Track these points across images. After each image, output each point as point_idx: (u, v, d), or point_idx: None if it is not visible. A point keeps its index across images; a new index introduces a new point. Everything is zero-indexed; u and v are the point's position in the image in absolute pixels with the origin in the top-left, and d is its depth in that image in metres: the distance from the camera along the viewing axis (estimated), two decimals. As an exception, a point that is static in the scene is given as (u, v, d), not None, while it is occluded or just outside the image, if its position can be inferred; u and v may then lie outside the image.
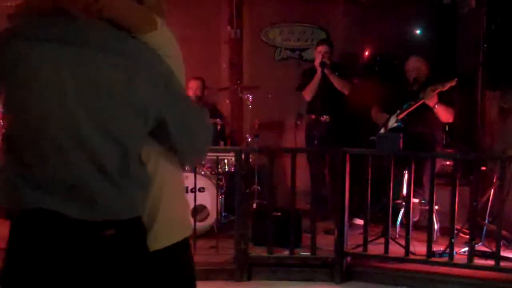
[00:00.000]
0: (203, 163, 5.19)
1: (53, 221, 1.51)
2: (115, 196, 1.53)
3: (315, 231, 4.57)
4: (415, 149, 4.89)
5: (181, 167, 1.85)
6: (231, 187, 5.22)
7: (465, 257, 4.31)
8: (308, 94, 5.96)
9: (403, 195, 5.08)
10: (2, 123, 5.45)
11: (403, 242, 4.47)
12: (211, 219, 5.12)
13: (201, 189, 5.08)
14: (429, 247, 4.34)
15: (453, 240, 4.28)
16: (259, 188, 6.04)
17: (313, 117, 6.03)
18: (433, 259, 4.36)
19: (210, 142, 1.84)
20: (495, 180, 4.84)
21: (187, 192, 4.66)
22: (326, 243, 4.72)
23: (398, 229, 5.12)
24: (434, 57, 6.00)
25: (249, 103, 6.14)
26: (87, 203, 1.51)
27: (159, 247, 1.73)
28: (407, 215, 4.50)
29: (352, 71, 6.42)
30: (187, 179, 4.62)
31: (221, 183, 5.39)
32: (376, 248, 4.61)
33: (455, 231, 4.46)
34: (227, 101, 6.74)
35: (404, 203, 4.95)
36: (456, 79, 5.02)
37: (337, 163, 4.58)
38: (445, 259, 4.35)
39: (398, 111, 5.28)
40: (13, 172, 1.55)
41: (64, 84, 1.46)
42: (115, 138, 1.50)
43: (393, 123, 5.31)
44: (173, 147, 1.68)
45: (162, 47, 1.59)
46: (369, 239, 4.59)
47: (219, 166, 5.19)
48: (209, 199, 5.12)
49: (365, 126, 5.75)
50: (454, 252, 4.30)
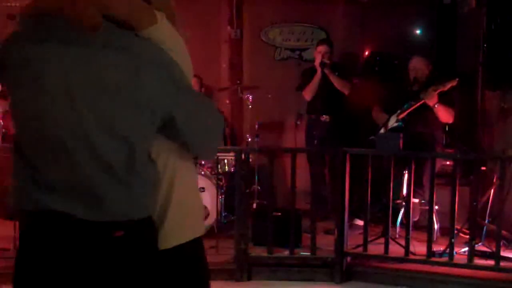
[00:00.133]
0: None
1: (62, 222, 1.50)
2: (122, 195, 1.51)
3: (315, 231, 4.57)
4: (415, 149, 4.90)
5: (196, 160, 1.82)
6: (231, 187, 5.22)
7: (465, 257, 4.31)
8: (308, 94, 5.97)
9: (403, 195, 5.08)
10: (2, 123, 5.45)
11: (403, 242, 4.47)
12: (211, 219, 5.11)
13: (201, 189, 5.08)
14: (429, 247, 4.34)
15: (453, 240, 4.28)
16: (259, 188, 6.04)
17: (313, 117, 6.04)
18: (433, 259, 4.36)
19: (221, 133, 1.80)
20: (495, 180, 4.84)
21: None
22: (326, 243, 4.72)
23: (398, 229, 5.12)
24: (434, 57, 6.00)
25: (249, 103, 6.14)
26: (94, 203, 1.50)
27: (168, 246, 1.71)
28: (407, 215, 4.50)
29: (352, 71, 6.42)
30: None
31: (221, 183, 5.39)
32: (376, 248, 4.61)
33: (455, 231, 4.46)
34: (227, 101, 6.74)
35: (404, 203, 4.96)
36: (457, 79, 5.02)
37: (337, 163, 4.58)
38: (445, 259, 4.35)
39: (398, 111, 5.28)
40: (21, 174, 1.56)
41: (67, 84, 1.46)
42: (121, 136, 1.48)
43: (393, 123, 5.31)
44: (185, 142, 1.65)
45: (164, 41, 1.57)
46: (369, 239, 4.59)
47: (219, 166, 5.19)
48: (209, 199, 5.12)
49: (365, 126, 5.75)
50: (454, 252, 4.30)
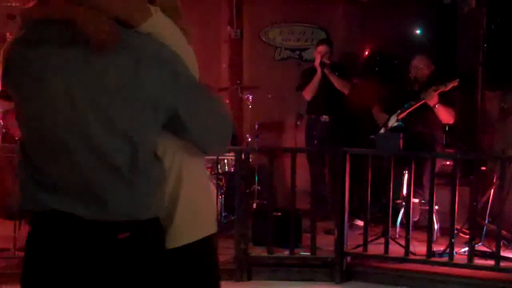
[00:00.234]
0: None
1: (66, 223, 1.49)
2: (125, 195, 1.50)
3: (315, 231, 4.57)
4: (415, 149, 4.89)
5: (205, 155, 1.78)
6: (231, 187, 5.22)
7: (465, 257, 4.31)
8: (308, 94, 5.97)
9: (403, 195, 5.08)
10: (1, 123, 5.45)
11: (403, 242, 4.47)
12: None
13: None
14: (429, 247, 4.34)
15: (453, 240, 4.28)
16: (259, 188, 6.04)
17: (313, 117, 6.04)
18: (433, 259, 4.36)
19: (230, 129, 1.76)
20: (495, 180, 4.84)
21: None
22: (326, 243, 4.72)
23: (398, 229, 5.12)
24: (434, 57, 5.99)
25: (249, 103, 6.13)
26: (97, 203, 1.48)
27: (177, 245, 1.67)
28: (407, 215, 4.50)
29: (352, 71, 6.42)
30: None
31: (221, 183, 5.39)
32: (376, 248, 4.61)
33: (455, 231, 4.46)
34: (227, 101, 6.73)
35: (404, 203, 4.95)
36: (458, 80, 5.02)
37: (337, 163, 4.58)
38: (445, 259, 4.35)
39: (398, 111, 5.28)
40: (25, 175, 1.56)
41: (67, 83, 1.45)
42: (123, 134, 1.47)
43: (393, 122, 5.31)
44: (191, 138, 1.63)
45: (164, 36, 1.55)
46: (369, 239, 4.59)
47: (219, 166, 5.18)
48: (209, 199, 5.10)
49: (365, 126, 5.75)
50: (454, 252, 4.30)
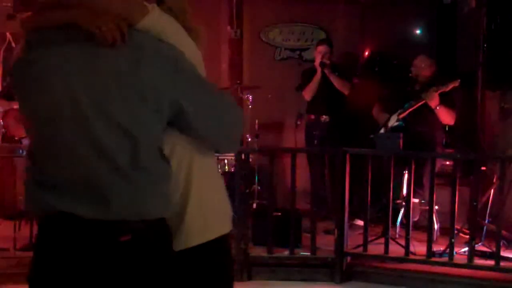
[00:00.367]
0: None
1: (69, 224, 1.49)
2: (127, 191, 1.48)
3: (315, 231, 4.57)
4: (416, 149, 4.89)
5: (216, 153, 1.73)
6: (231, 187, 5.21)
7: (465, 257, 4.31)
8: (308, 94, 5.97)
9: (403, 195, 5.08)
10: (1, 123, 5.47)
11: (403, 242, 4.47)
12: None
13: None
14: (429, 247, 4.34)
15: (453, 240, 4.28)
16: (259, 188, 6.03)
17: (313, 117, 6.04)
18: (433, 259, 4.36)
19: (241, 125, 1.71)
20: (495, 180, 4.84)
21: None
22: (326, 243, 4.72)
23: (398, 229, 5.12)
24: (434, 57, 5.98)
25: (249, 103, 6.13)
26: (100, 201, 1.47)
27: (189, 245, 1.65)
28: (407, 215, 4.50)
29: (352, 71, 6.42)
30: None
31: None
32: (376, 248, 4.61)
33: (455, 231, 4.46)
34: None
35: (404, 203, 4.95)
36: (458, 80, 5.02)
37: (337, 163, 4.58)
38: (445, 259, 4.35)
39: (399, 111, 5.28)
40: (29, 176, 1.56)
41: (68, 81, 1.45)
42: (124, 130, 1.45)
43: (393, 122, 5.31)
44: (200, 135, 1.60)
45: (164, 32, 1.53)
46: (369, 239, 4.59)
47: (219, 166, 5.18)
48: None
49: (365, 126, 5.75)
50: (454, 252, 4.30)
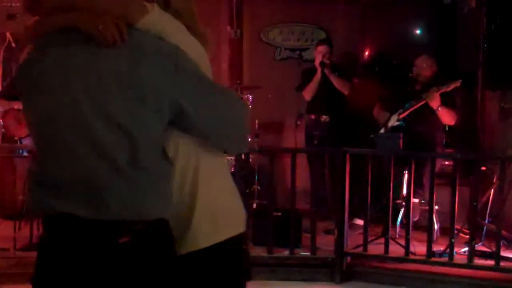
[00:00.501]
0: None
1: (70, 225, 1.49)
2: (126, 190, 1.47)
3: (315, 231, 4.57)
4: (416, 149, 4.90)
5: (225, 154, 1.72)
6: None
7: (465, 257, 4.31)
8: (308, 94, 5.97)
9: (403, 195, 5.07)
10: (1, 123, 5.47)
11: (403, 242, 4.47)
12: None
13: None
14: (429, 247, 4.34)
15: (453, 240, 4.28)
16: (259, 188, 6.03)
17: (313, 117, 6.04)
18: (433, 259, 4.36)
19: (247, 123, 1.68)
20: (495, 180, 4.84)
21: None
22: (326, 243, 4.72)
23: (398, 229, 5.12)
24: (434, 57, 5.98)
25: (249, 103, 6.13)
26: (99, 201, 1.47)
27: (197, 247, 1.63)
28: (407, 215, 4.50)
29: (352, 71, 6.42)
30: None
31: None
32: (376, 248, 4.61)
33: (455, 231, 4.46)
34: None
35: (404, 203, 4.95)
36: (460, 80, 5.02)
37: (337, 163, 4.58)
38: (445, 259, 4.34)
39: (400, 110, 5.28)
40: (31, 177, 1.57)
41: (68, 81, 1.46)
42: (123, 129, 1.45)
43: (394, 122, 5.31)
44: (204, 135, 1.59)
45: (165, 31, 1.52)
46: (369, 239, 4.59)
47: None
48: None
49: (365, 126, 5.74)
50: (454, 252, 4.30)
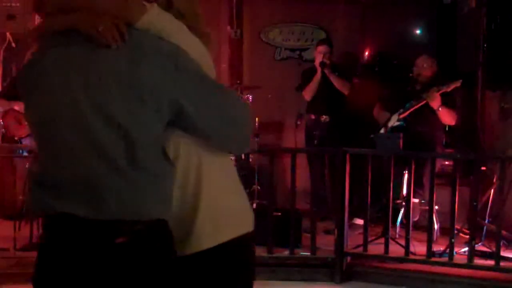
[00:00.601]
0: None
1: (70, 225, 1.49)
2: (125, 190, 1.47)
3: (315, 231, 4.57)
4: (416, 149, 4.90)
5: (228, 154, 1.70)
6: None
7: (465, 257, 4.31)
8: (308, 94, 5.97)
9: (403, 195, 5.08)
10: (1, 123, 5.46)
11: (403, 242, 4.47)
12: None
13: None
14: (429, 247, 4.34)
15: (453, 240, 4.28)
16: (259, 188, 6.03)
17: (313, 117, 6.04)
18: (433, 259, 4.36)
19: (249, 123, 1.67)
20: (495, 180, 4.84)
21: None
22: (326, 243, 4.72)
23: (398, 229, 5.12)
24: (434, 57, 5.99)
25: (249, 103, 6.13)
26: (99, 200, 1.47)
27: (200, 248, 1.61)
28: (407, 215, 4.50)
29: (352, 71, 6.42)
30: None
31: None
32: (376, 248, 4.60)
33: (455, 231, 4.46)
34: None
35: (404, 203, 4.95)
36: (460, 80, 5.02)
37: (337, 163, 4.58)
38: (445, 259, 4.34)
39: (400, 110, 5.28)
40: (32, 178, 1.57)
41: (68, 80, 1.46)
42: (125, 131, 1.45)
43: (394, 122, 5.31)
44: (204, 135, 1.58)
45: (165, 31, 1.52)
46: (369, 239, 4.59)
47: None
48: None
49: (365, 126, 5.74)
50: (454, 252, 4.30)
